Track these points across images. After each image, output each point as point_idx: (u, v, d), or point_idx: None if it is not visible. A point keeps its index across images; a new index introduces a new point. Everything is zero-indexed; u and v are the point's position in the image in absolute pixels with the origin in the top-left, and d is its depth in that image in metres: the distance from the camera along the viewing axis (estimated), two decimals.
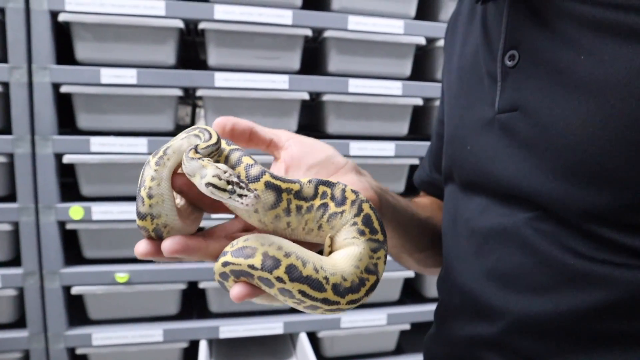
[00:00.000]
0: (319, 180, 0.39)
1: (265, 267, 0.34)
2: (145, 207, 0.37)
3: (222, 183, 0.34)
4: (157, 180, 0.37)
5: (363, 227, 0.38)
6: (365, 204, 0.39)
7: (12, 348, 1.29)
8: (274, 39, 1.35)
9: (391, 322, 1.51)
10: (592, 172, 0.36)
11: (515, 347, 0.42)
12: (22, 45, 1.19)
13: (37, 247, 1.27)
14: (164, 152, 0.37)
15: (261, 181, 0.37)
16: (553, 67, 0.38)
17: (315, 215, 0.38)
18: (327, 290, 0.35)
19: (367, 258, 0.38)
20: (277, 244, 0.36)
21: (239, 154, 0.39)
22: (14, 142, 1.22)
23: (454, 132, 0.51)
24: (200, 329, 1.39)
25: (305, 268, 0.35)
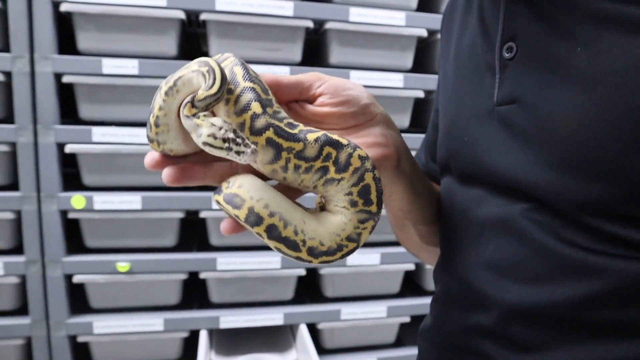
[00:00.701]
0: (326, 140, 0.37)
1: (248, 221, 0.36)
2: (152, 133, 0.38)
3: (217, 142, 0.34)
4: (164, 110, 0.37)
5: (357, 198, 0.38)
6: (368, 173, 0.38)
7: (14, 335, 1.31)
8: (276, 30, 1.35)
9: (391, 315, 1.51)
10: (588, 164, 0.36)
11: (511, 336, 0.43)
12: (25, 35, 1.20)
13: (39, 235, 1.28)
14: (174, 82, 0.37)
15: (263, 136, 0.36)
16: (550, 59, 0.38)
17: (312, 177, 0.38)
18: (302, 252, 0.37)
19: (352, 228, 0.39)
20: (264, 200, 0.36)
21: (250, 96, 0.37)
22: (16, 132, 1.23)
23: (451, 124, 0.51)
24: (201, 319, 1.40)
25: (286, 229, 0.37)
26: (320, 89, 0.42)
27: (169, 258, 1.35)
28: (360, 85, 0.45)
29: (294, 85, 0.42)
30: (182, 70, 0.37)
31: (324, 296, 1.54)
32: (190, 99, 0.36)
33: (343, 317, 1.48)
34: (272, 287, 1.48)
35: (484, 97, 0.45)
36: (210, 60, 0.37)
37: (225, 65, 0.39)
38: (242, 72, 0.38)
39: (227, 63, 0.39)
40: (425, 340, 0.56)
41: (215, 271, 1.39)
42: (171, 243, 1.42)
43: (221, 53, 0.40)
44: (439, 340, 0.52)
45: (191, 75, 0.37)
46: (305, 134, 0.37)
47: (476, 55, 0.47)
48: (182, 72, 0.37)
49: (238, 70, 0.38)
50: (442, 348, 0.52)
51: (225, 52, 1.33)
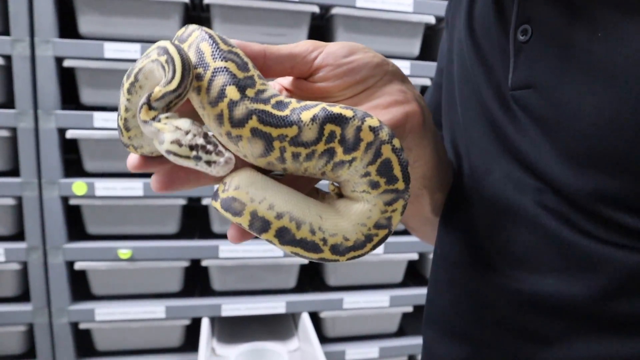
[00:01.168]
0: (327, 116, 0.30)
1: (254, 228, 0.31)
2: (125, 138, 0.33)
3: (183, 150, 0.28)
4: (131, 111, 0.32)
5: (377, 178, 0.32)
6: (385, 145, 0.31)
7: (17, 321, 1.31)
8: (281, 15, 1.32)
9: (394, 304, 1.51)
10: (605, 156, 0.34)
11: (526, 327, 0.41)
12: (25, 18, 1.18)
13: (41, 222, 1.27)
14: (135, 76, 0.32)
15: (246, 127, 0.30)
16: (567, 45, 0.36)
17: (316, 164, 0.32)
18: (324, 251, 0.32)
19: (379, 214, 0.33)
20: (269, 200, 0.31)
21: (223, 80, 0.30)
22: (16, 116, 1.21)
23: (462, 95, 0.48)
24: (203, 306, 1.39)
25: (300, 230, 0.31)
26: (317, 60, 0.36)
27: (170, 245, 1.34)
28: (360, 45, 0.39)
29: (285, 58, 0.35)
30: (142, 59, 0.31)
31: (327, 285, 1.54)
32: (145, 100, 0.30)
33: (345, 306, 1.47)
34: (274, 275, 1.47)
35: (500, 77, 0.43)
36: (169, 45, 0.30)
37: (190, 42, 0.32)
38: (211, 49, 0.31)
39: (192, 39, 0.32)
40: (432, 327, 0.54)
41: (218, 259, 1.38)
42: (173, 230, 1.41)
43: (186, 26, 0.33)
44: (446, 328, 0.51)
45: (152, 66, 0.31)
46: (298, 113, 0.30)
47: (489, 31, 0.44)
48: (142, 62, 0.31)
49: (205, 47, 0.31)
50: (450, 337, 0.50)
51: (228, 36, 1.30)
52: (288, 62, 0.36)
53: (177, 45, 0.30)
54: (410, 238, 1.48)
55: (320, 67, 0.36)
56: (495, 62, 0.43)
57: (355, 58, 0.37)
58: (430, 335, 0.54)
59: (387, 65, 0.39)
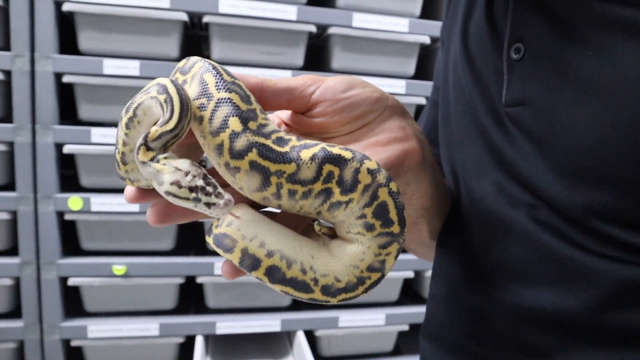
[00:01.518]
0: (326, 156, 0.30)
1: (244, 265, 0.31)
2: (122, 172, 0.33)
3: (183, 192, 0.28)
4: (129, 146, 0.32)
5: (373, 221, 0.32)
6: (382, 189, 0.32)
7: (7, 338, 1.29)
8: (278, 34, 1.34)
9: (389, 323, 1.50)
10: (598, 171, 0.35)
11: (521, 340, 0.41)
12: (25, 34, 1.19)
13: (35, 237, 1.26)
14: (134, 112, 0.32)
15: (245, 159, 0.30)
16: (559, 63, 0.37)
17: (312, 203, 0.31)
18: (315, 292, 0.32)
19: (372, 257, 0.33)
20: (260, 238, 0.31)
21: (226, 111, 0.30)
22: (14, 131, 1.22)
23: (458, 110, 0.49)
24: (197, 324, 1.38)
25: (291, 269, 0.31)
26: (315, 95, 0.36)
27: (165, 262, 1.33)
28: (359, 78, 0.38)
29: (282, 92, 0.35)
30: (141, 95, 0.32)
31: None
32: (142, 140, 0.29)
33: (341, 324, 1.46)
34: (269, 293, 1.46)
35: (493, 94, 0.43)
36: (169, 83, 0.30)
37: (194, 73, 0.32)
38: (215, 80, 0.31)
39: (195, 70, 0.32)
40: (428, 341, 0.54)
41: (213, 276, 1.37)
42: (168, 246, 1.40)
43: (187, 59, 0.34)
44: (444, 342, 0.51)
45: (150, 103, 0.31)
46: (298, 151, 0.30)
47: (483, 49, 0.45)
48: (141, 97, 0.32)
49: (209, 78, 0.31)
50: (445, 350, 0.50)
51: (224, 54, 1.32)
52: (285, 96, 0.35)
53: (176, 84, 0.31)
54: (406, 256, 1.48)
55: (318, 102, 0.36)
56: (489, 79, 0.44)
57: (354, 93, 0.37)
58: (427, 348, 0.54)
59: (386, 99, 0.39)
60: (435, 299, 0.54)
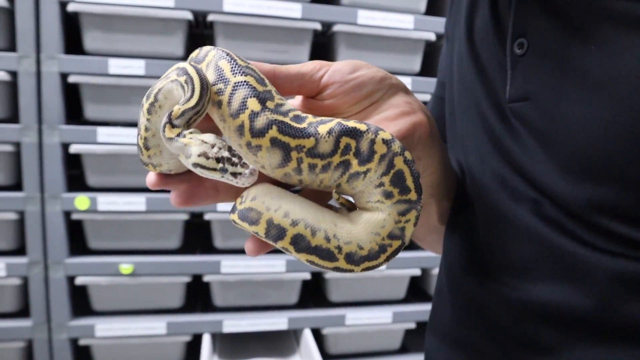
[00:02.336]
0: (342, 129, 0.32)
1: (270, 236, 0.32)
2: (145, 157, 0.34)
3: (210, 162, 0.30)
4: (151, 130, 0.33)
5: (391, 188, 0.33)
6: (398, 157, 0.33)
7: (16, 337, 1.30)
8: (283, 32, 1.34)
9: (396, 321, 1.50)
10: (601, 166, 0.35)
11: (527, 336, 0.41)
12: (31, 35, 1.19)
13: (42, 236, 1.27)
14: (155, 97, 0.33)
15: (266, 137, 0.31)
16: (562, 58, 0.37)
17: (332, 175, 0.33)
18: (339, 260, 0.33)
19: (392, 223, 0.34)
20: (284, 208, 0.32)
21: (244, 93, 0.32)
22: (21, 131, 1.22)
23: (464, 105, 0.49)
24: (204, 322, 1.38)
25: (315, 237, 0.32)
26: (325, 78, 0.38)
27: (172, 260, 1.34)
28: (363, 62, 0.40)
29: (294, 77, 0.37)
30: (162, 80, 0.33)
31: (329, 301, 1.53)
32: (167, 119, 0.31)
33: (348, 322, 1.46)
34: (276, 291, 1.46)
35: (498, 89, 0.43)
36: (188, 66, 0.32)
37: (208, 62, 0.34)
38: (230, 66, 0.32)
39: (210, 59, 0.34)
40: (433, 335, 0.54)
41: (219, 274, 1.37)
42: (175, 245, 1.40)
43: (200, 49, 0.35)
44: (447, 336, 0.51)
45: (171, 86, 0.33)
46: (315, 126, 0.32)
47: (488, 44, 0.45)
48: (162, 83, 0.33)
49: (224, 64, 0.33)
50: (454, 347, 0.50)
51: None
52: (297, 81, 0.37)
53: (195, 66, 0.32)
54: (413, 254, 1.47)
55: (327, 85, 0.38)
56: (493, 74, 0.44)
57: (360, 74, 0.38)
58: (432, 342, 0.55)
59: (390, 79, 0.40)
60: (440, 294, 0.55)
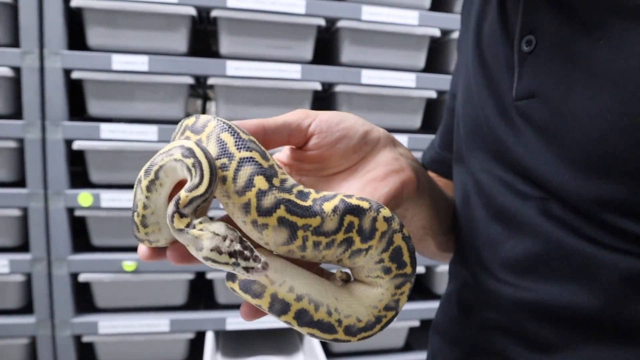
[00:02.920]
0: (346, 208, 0.32)
1: (274, 310, 0.32)
2: (141, 234, 0.33)
3: (223, 257, 0.29)
4: (150, 209, 0.32)
5: (390, 264, 0.34)
6: (397, 235, 0.34)
7: (19, 334, 1.29)
8: (287, 28, 1.33)
9: (400, 319, 1.49)
10: (609, 162, 0.35)
11: (529, 335, 0.42)
12: (34, 31, 1.19)
13: (46, 233, 1.27)
14: (155, 174, 0.31)
15: (274, 216, 0.31)
16: (571, 53, 0.37)
17: (335, 252, 0.33)
18: (338, 332, 0.33)
19: (389, 297, 0.35)
20: (288, 283, 0.32)
21: (250, 170, 0.31)
22: (24, 127, 1.22)
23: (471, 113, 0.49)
24: (207, 320, 1.38)
25: (318, 312, 0.32)
26: (312, 127, 0.38)
27: None
28: (350, 114, 0.41)
29: (281, 128, 0.37)
30: (162, 157, 0.31)
31: None
32: (174, 208, 0.30)
33: None
34: None
35: (504, 90, 0.44)
36: (195, 147, 0.31)
37: (208, 133, 0.32)
38: (234, 140, 0.32)
39: (210, 130, 0.32)
40: (438, 336, 0.54)
41: (223, 272, 1.36)
42: None
43: (195, 117, 0.34)
44: (452, 336, 0.51)
45: (174, 165, 0.31)
46: (320, 204, 0.32)
47: (495, 46, 0.45)
48: (163, 160, 0.31)
49: (227, 137, 0.32)
50: (455, 345, 0.51)
51: (232, 49, 1.31)
52: (285, 130, 0.37)
53: (202, 147, 0.31)
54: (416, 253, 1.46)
55: (314, 134, 0.38)
56: (499, 76, 0.44)
57: (347, 125, 0.39)
58: (436, 342, 0.55)
59: (377, 130, 0.41)
60: (448, 297, 0.55)
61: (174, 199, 0.30)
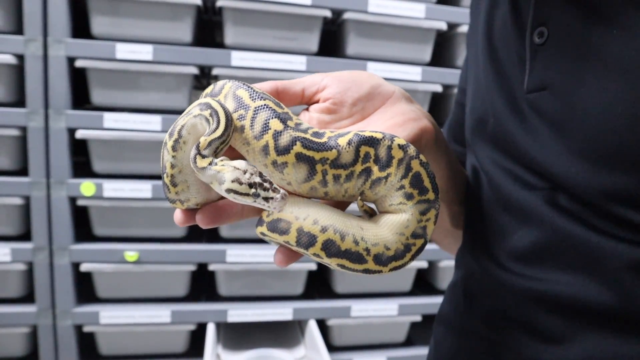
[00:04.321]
0: (360, 140, 0.34)
1: (301, 243, 0.33)
2: (172, 194, 0.35)
3: (243, 188, 0.31)
4: (177, 167, 0.34)
5: (411, 190, 0.35)
6: (414, 160, 0.35)
7: (20, 323, 1.29)
8: (293, 19, 1.32)
9: (402, 313, 1.48)
10: (619, 154, 0.34)
11: (537, 325, 0.41)
12: (38, 18, 1.18)
13: (48, 222, 1.26)
14: (179, 134, 0.34)
15: (292, 153, 0.33)
16: (583, 44, 0.37)
17: (356, 184, 0.35)
18: (368, 262, 0.34)
19: (415, 223, 0.35)
20: (312, 216, 0.33)
21: (265, 115, 0.34)
22: (27, 116, 1.21)
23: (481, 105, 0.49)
24: (209, 311, 1.37)
25: (344, 242, 0.33)
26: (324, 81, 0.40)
27: (178, 249, 1.33)
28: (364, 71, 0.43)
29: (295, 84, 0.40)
30: (183, 117, 0.34)
31: (334, 292, 1.52)
32: (196, 150, 0.33)
33: (353, 314, 1.45)
34: (281, 282, 1.45)
35: (514, 83, 0.43)
36: (211, 100, 0.34)
37: (225, 93, 0.36)
38: (248, 93, 0.35)
39: (227, 90, 0.36)
40: (442, 326, 0.54)
41: (225, 263, 1.36)
42: (180, 233, 1.39)
43: (213, 84, 0.37)
44: (457, 326, 0.51)
45: (194, 121, 0.34)
46: (335, 139, 0.34)
47: (507, 38, 0.45)
48: (184, 119, 0.34)
49: (243, 93, 0.35)
50: (461, 335, 0.51)
51: (238, 39, 1.30)
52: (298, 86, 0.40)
53: (217, 100, 0.34)
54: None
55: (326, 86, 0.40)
56: (510, 69, 0.44)
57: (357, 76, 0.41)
58: (440, 332, 0.55)
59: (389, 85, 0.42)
60: (453, 287, 0.55)
61: (194, 145, 0.33)
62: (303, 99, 0.40)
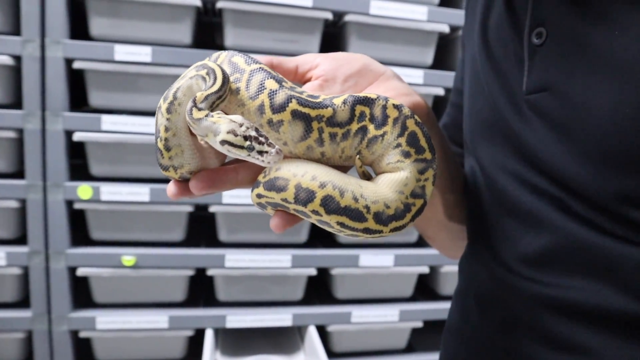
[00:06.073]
0: (355, 99, 0.34)
1: (299, 200, 0.32)
2: (165, 159, 0.34)
3: (238, 139, 0.31)
4: (172, 130, 0.34)
5: (408, 148, 0.35)
6: (409, 120, 0.35)
7: (15, 328, 1.27)
8: (294, 21, 1.31)
9: (403, 319, 1.46)
10: (625, 155, 0.34)
11: (549, 333, 0.40)
12: (36, 19, 1.17)
13: (44, 226, 1.25)
14: (174, 96, 0.34)
15: (287, 110, 0.33)
16: (584, 44, 0.36)
17: (352, 142, 0.35)
18: (368, 220, 0.33)
19: (414, 181, 0.35)
20: (310, 173, 0.33)
21: (261, 76, 0.34)
22: (24, 118, 1.19)
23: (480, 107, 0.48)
24: (207, 317, 1.35)
25: (344, 198, 0.33)
26: (317, 60, 0.41)
27: (176, 253, 1.31)
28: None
29: (289, 60, 0.41)
30: (179, 80, 0.35)
31: (334, 298, 1.50)
32: (192, 104, 0.32)
33: (353, 320, 1.43)
34: (281, 287, 1.44)
35: (513, 83, 0.43)
36: (207, 61, 0.35)
37: (222, 61, 0.36)
38: (243, 59, 0.35)
39: (222, 59, 0.36)
40: (453, 338, 0.53)
41: (223, 268, 1.34)
42: (179, 238, 1.38)
43: (209, 56, 0.39)
44: (469, 336, 0.50)
45: (189, 82, 0.34)
46: (330, 99, 0.34)
47: (503, 39, 0.44)
48: (179, 82, 0.35)
49: (238, 59, 0.36)
50: (474, 346, 0.49)
51: (238, 41, 1.29)
52: (292, 62, 0.40)
53: (214, 62, 0.35)
54: (421, 251, 1.44)
55: (319, 64, 0.40)
56: (509, 70, 0.43)
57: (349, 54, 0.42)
58: (451, 344, 0.54)
59: (382, 66, 0.43)
60: (460, 294, 0.54)
61: (191, 101, 0.33)
62: (296, 76, 0.41)
